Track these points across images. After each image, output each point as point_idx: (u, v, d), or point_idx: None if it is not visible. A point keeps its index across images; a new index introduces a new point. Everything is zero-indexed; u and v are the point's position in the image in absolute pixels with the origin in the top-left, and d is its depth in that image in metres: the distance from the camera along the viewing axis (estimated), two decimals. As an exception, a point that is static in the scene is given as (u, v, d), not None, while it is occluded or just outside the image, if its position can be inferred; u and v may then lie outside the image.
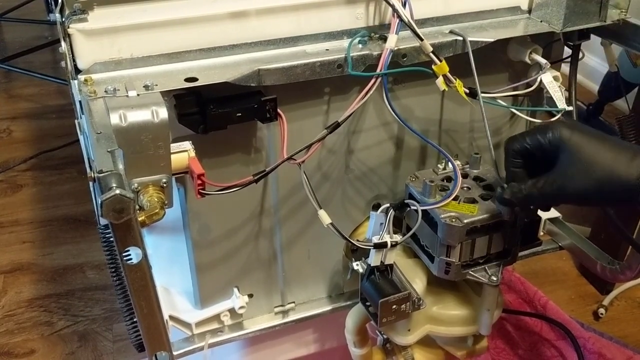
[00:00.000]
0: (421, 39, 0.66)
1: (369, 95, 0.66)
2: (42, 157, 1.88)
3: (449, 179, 0.75)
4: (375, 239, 0.70)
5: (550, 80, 0.75)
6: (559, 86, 0.76)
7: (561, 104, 0.75)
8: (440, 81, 0.67)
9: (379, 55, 0.67)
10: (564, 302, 1.37)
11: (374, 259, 0.70)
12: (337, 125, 0.67)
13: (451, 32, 0.72)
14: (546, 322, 1.24)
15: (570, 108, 0.76)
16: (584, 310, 1.37)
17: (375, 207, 0.79)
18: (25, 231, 1.62)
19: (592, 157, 0.60)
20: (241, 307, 0.78)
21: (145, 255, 0.52)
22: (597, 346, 1.17)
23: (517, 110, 0.80)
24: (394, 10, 0.66)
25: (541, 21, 0.76)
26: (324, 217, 0.68)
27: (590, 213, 1.34)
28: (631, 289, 1.42)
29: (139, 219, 0.53)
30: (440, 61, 0.67)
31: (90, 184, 0.58)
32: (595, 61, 1.90)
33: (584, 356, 1.15)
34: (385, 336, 0.82)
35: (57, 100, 2.20)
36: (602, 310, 1.36)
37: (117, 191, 0.48)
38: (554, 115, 0.76)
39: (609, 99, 1.89)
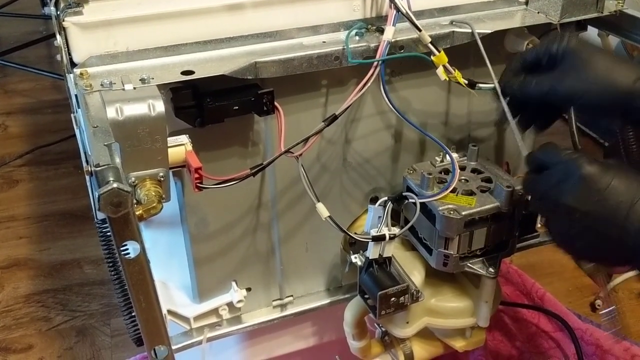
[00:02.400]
0: (419, 30, 0.66)
1: (367, 87, 0.66)
2: (37, 152, 1.88)
3: (446, 171, 0.74)
4: (374, 232, 0.70)
5: None
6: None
7: None
8: (440, 71, 0.67)
9: (377, 47, 0.67)
10: (561, 294, 1.37)
11: (373, 251, 0.70)
12: (334, 118, 0.67)
13: (454, 23, 0.72)
14: (544, 314, 1.24)
15: None
16: (581, 302, 1.38)
17: (373, 200, 0.79)
18: (21, 226, 1.61)
19: (593, 62, 0.62)
20: (239, 301, 0.78)
21: (143, 249, 0.52)
22: (595, 337, 1.18)
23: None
24: (391, 1, 0.66)
25: (538, 12, 0.76)
26: (322, 210, 0.68)
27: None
28: (628, 281, 1.42)
29: (137, 213, 0.53)
30: (439, 52, 0.67)
31: (87, 178, 0.58)
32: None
33: (581, 347, 1.15)
34: (383, 329, 0.82)
35: (53, 95, 2.19)
36: (599, 302, 1.36)
37: (115, 185, 0.47)
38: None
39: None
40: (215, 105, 0.63)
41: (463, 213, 0.68)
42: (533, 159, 0.64)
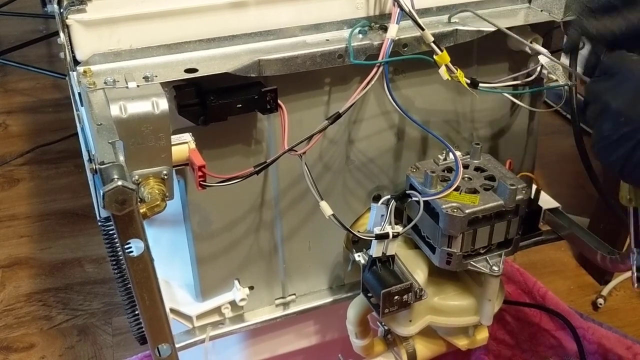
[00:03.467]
0: (422, 29, 0.66)
1: (370, 85, 0.66)
2: (38, 151, 1.88)
3: (450, 169, 0.74)
4: (377, 230, 0.69)
5: (547, 60, 0.75)
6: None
7: (563, 79, 0.75)
8: (443, 71, 0.66)
9: (380, 45, 0.67)
10: (563, 292, 1.37)
11: (376, 250, 0.70)
12: (338, 116, 0.67)
13: (457, 21, 0.71)
14: (545, 313, 1.24)
15: (574, 83, 0.76)
16: (583, 301, 1.38)
17: (376, 199, 0.79)
18: (22, 225, 1.61)
19: None
20: (242, 300, 0.78)
21: (147, 247, 0.52)
22: (597, 336, 1.18)
23: (518, 99, 0.80)
24: (395, -1, 0.66)
25: (541, 10, 0.76)
26: (326, 209, 0.67)
27: (589, 204, 1.35)
28: (630, 279, 1.42)
29: (141, 211, 0.53)
30: (442, 51, 0.66)
31: (91, 175, 0.58)
32: (593, 52, 1.89)
33: (583, 346, 1.16)
34: (386, 327, 0.82)
35: (53, 94, 2.19)
36: (600, 301, 1.36)
37: (119, 182, 0.47)
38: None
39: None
40: (218, 103, 0.63)
41: (466, 211, 0.68)
42: (602, 63, 0.62)
